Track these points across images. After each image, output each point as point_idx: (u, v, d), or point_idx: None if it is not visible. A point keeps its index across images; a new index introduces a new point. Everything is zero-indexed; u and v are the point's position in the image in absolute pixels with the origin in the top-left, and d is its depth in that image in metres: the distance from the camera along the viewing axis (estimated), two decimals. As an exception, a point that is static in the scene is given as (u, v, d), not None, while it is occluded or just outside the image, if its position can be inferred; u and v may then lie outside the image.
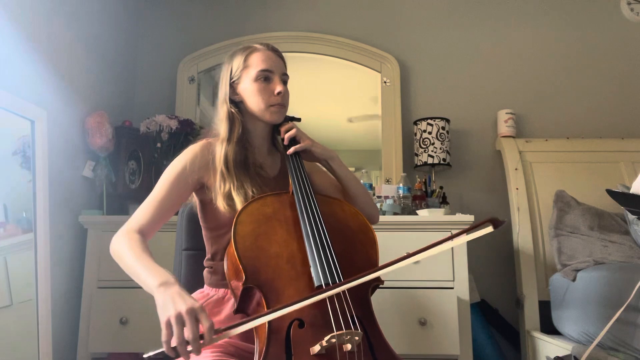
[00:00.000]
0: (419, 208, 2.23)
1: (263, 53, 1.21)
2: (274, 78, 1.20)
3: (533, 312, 2.17)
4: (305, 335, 0.92)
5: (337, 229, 1.09)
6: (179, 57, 2.69)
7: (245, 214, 1.06)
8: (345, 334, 0.89)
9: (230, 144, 1.18)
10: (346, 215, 1.15)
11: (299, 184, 1.14)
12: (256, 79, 1.19)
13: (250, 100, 1.20)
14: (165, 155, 2.31)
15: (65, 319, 2.02)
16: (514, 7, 2.76)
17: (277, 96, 1.19)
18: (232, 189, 1.13)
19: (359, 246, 1.11)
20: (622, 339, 1.48)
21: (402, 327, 1.94)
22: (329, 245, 1.03)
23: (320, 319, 0.94)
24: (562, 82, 2.68)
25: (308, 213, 1.07)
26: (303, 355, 0.90)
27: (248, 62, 1.21)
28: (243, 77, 1.21)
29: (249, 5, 2.79)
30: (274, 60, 1.22)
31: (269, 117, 1.20)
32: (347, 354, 0.90)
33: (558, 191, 2.26)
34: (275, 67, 1.21)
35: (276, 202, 1.11)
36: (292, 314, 0.93)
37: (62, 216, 2.04)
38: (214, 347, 1.03)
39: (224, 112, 1.21)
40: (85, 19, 2.26)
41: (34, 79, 1.90)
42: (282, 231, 1.06)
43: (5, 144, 1.77)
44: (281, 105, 1.20)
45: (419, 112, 2.63)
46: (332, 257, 1.01)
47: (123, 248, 1.05)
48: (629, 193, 1.52)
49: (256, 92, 1.19)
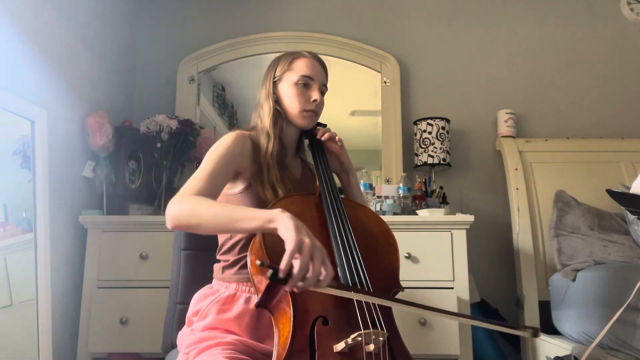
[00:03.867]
0: (419, 208, 2.23)
1: (309, 60, 1.25)
2: (314, 86, 1.24)
3: (533, 312, 2.17)
4: (329, 333, 0.94)
5: (362, 233, 1.12)
6: (179, 57, 2.69)
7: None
8: (372, 333, 0.92)
9: (275, 139, 1.21)
10: (370, 220, 1.18)
11: (327, 186, 1.16)
12: (297, 82, 1.23)
13: (287, 102, 1.24)
14: (165, 155, 2.31)
15: (65, 319, 2.02)
16: (514, 8, 2.76)
17: (312, 103, 1.23)
18: (276, 180, 1.16)
19: (381, 252, 1.13)
20: (622, 339, 1.48)
21: (402, 327, 1.91)
22: (355, 246, 1.05)
23: (345, 317, 0.96)
24: (563, 82, 2.68)
25: (336, 214, 1.10)
26: (326, 351, 0.91)
27: (293, 65, 1.24)
28: (285, 78, 1.25)
29: (249, 5, 2.79)
30: (317, 70, 1.26)
31: (300, 121, 1.24)
32: (368, 354, 0.91)
33: (558, 191, 2.26)
34: (317, 76, 1.25)
35: (304, 202, 1.13)
36: (317, 311, 0.95)
37: (62, 216, 2.04)
38: (225, 345, 1.03)
39: (269, 107, 1.24)
40: (85, 19, 2.26)
41: (34, 79, 1.90)
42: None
43: (5, 144, 1.77)
44: (314, 112, 1.24)
45: (419, 112, 2.63)
46: (359, 258, 1.03)
47: (199, 204, 1.01)
48: (629, 193, 1.52)
49: (294, 95, 1.23)
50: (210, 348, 1.03)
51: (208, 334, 1.07)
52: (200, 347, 1.04)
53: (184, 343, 1.10)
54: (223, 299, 1.12)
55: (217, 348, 1.01)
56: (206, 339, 1.05)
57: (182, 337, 1.14)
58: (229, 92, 2.77)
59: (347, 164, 1.32)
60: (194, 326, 1.12)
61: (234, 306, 1.11)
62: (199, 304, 1.15)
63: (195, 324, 1.12)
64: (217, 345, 1.02)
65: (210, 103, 2.72)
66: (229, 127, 2.72)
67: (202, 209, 1.00)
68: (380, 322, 0.97)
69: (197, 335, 1.07)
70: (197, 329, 1.11)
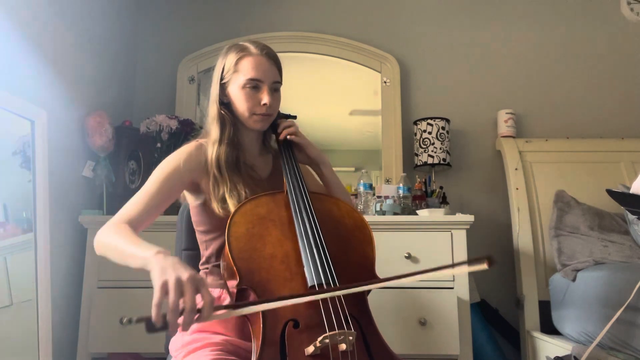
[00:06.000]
0: (419, 208, 2.23)
1: (255, 59, 1.18)
2: (263, 87, 1.18)
3: (533, 312, 2.17)
4: (300, 336, 0.92)
5: (333, 227, 1.09)
6: (179, 57, 2.69)
7: (239, 215, 1.05)
8: (338, 334, 0.89)
9: (222, 145, 1.17)
10: (342, 212, 1.15)
11: (293, 183, 1.13)
12: (244, 86, 1.17)
13: (237, 105, 1.20)
14: (165, 155, 2.29)
15: (65, 319, 2.02)
16: (514, 8, 2.76)
17: (262, 107, 1.17)
18: (226, 191, 1.12)
19: (354, 244, 1.10)
20: (622, 339, 1.48)
21: (402, 327, 1.93)
22: (322, 244, 1.02)
23: (315, 319, 0.93)
24: (562, 82, 2.68)
25: (302, 212, 1.07)
26: (298, 355, 0.89)
27: (238, 66, 1.18)
28: (232, 80, 1.20)
29: (249, 5, 2.79)
30: (266, 69, 1.19)
31: (252, 124, 1.20)
32: (342, 353, 0.89)
33: (558, 191, 2.26)
34: (265, 76, 1.18)
35: (270, 202, 1.11)
36: (287, 314, 0.93)
37: (62, 216, 2.04)
38: (214, 346, 1.03)
39: (214, 112, 1.21)
40: (85, 19, 2.26)
41: (34, 79, 1.90)
42: (277, 231, 1.05)
43: (5, 144, 1.77)
44: (266, 115, 1.19)
45: (419, 112, 2.63)
46: (326, 256, 1.00)
47: (111, 236, 1.01)
48: (629, 193, 1.52)
49: (242, 99, 1.18)
50: (198, 350, 1.03)
51: (196, 336, 1.07)
52: (189, 348, 1.05)
53: (174, 347, 1.12)
54: None
55: (205, 349, 1.02)
56: (195, 341, 1.06)
57: (173, 342, 1.15)
58: (229, 92, 2.77)
59: (315, 155, 1.26)
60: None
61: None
62: None
63: None
64: (206, 347, 1.03)
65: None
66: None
67: (111, 242, 1.00)
68: (347, 321, 0.94)
69: (186, 338, 1.08)
70: (186, 332, 1.11)
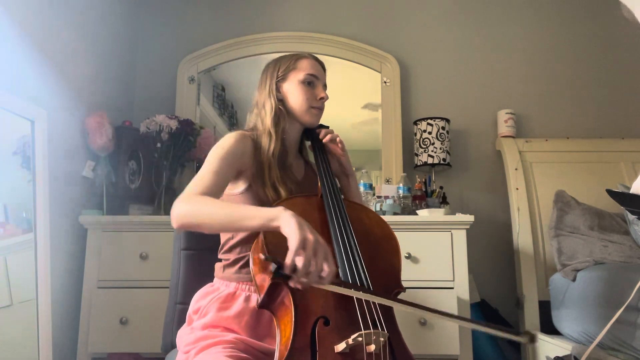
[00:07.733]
0: (419, 208, 2.23)
1: (312, 61, 1.30)
2: (318, 84, 1.28)
3: (533, 312, 2.17)
4: (331, 333, 0.94)
5: (363, 234, 1.12)
6: (179, 57, 2.69)
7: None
8: (373, 333, 0.92)
9: (277, 139, 1.22)
10: (372, 222, 1.19)
11: (329, 188, 1.17)
12: (303, 80, 1.25)
13: (294, 100, 1.26)
14: (165, 155, 2.31)
15: (65, 319, 2.02)
16: (514, 8, 2.76)
17: (319, 100, 1.26)
18: (277, 180, 1.17)
19: (383, 253, 1.13)
20: (622, 339, 1.48)
21: (402, 327, 1.92)
22: (356, 247, 1.06)
23: (346, 318, 0.96)
24: (562, 81, 2.68)
25: (337, 216, 1.10)
26: (327, 352, 0.91)
27: (297, 64, 1.27)
28: (290, 77, 1.27)
29: (249, 5, 2.79)
30: (320, 70, 1.30)
31: (308, 118, 1.26)
32: (369, 355, 0.91)
33: (558, 191, 2.26)
34: (321, 75, 1.29)
35: (305, 203, 1.14)
36: (317, 311, 0.96)
37: (62, 216, 2.04)
38: (226, 343, 1.02)
39: (270, 106, 1.25)
40: (85, 19, 2.26)
41: (34, 79, 1.90)
42: None
43: (5, 144, 1.77)
44: (320, 109, 1.28)
45: (419, 112, 2.63)
46: (360, 259, 1.04)
47: (201, 203, 1.02)
48: (629, 193, 1.51)
49: (301, 92, 1.25)
50: (210, 347, 1.03)
51: (208, 332, 1.07)
52: (201, 345, 1.04)
53: (183, 342, 1.10)
54: (223, 297, 1.13)
55: (217, 347, 1.01)
56: (206, 338, 1.05)
57: (182, 336, 1.14)
58: (229, 92, 2.77)
59: (348, 166, 1.33)
60: (195, 324, 1.12)
61: (233, 304, 1.11)
62: (200, 302, 1.15)
63: (196, 322, 1.12)
64: (218, 344, 1.02)
65: (210, 103, 2.72)
66: (229, 127, 2.72)
67: (206, 209, 1.02)
68: (381, 322, 0.97)
69: (197, 334, 1.07)
70: (197, 327, 1.11)
